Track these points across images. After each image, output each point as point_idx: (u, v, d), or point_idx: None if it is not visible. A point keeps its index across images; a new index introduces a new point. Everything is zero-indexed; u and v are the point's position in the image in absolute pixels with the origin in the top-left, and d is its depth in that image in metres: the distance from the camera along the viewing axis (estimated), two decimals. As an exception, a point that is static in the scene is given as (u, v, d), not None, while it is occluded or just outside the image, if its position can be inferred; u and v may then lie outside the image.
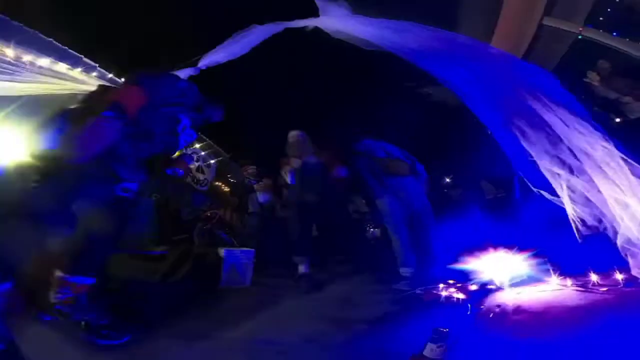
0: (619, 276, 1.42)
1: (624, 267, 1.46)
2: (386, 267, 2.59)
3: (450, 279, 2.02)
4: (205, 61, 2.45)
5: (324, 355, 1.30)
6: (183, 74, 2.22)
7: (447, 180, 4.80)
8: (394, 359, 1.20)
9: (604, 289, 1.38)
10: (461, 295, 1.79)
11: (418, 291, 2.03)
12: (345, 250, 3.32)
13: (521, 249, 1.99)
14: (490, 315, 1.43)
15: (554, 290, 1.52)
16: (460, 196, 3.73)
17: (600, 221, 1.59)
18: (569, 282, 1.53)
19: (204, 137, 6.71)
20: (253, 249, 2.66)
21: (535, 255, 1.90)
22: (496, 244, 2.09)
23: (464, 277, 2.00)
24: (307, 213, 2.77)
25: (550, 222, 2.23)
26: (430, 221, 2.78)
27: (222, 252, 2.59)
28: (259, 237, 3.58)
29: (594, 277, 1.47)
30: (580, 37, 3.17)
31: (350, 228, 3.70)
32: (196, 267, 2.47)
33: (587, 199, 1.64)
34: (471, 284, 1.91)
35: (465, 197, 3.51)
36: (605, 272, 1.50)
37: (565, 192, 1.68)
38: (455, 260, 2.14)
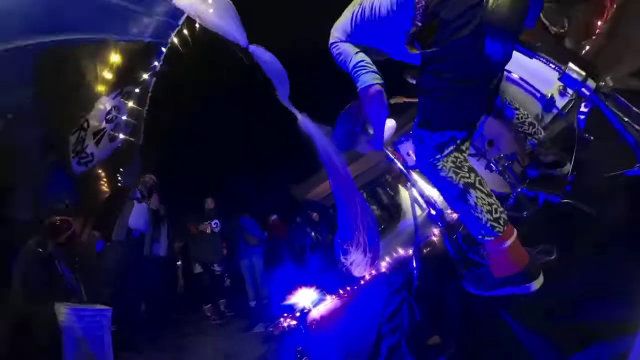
0: (349, 287, 3.30)
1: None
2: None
3: (285, 313, 3.26)
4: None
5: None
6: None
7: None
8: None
9: (346, 294, 3.19)
10: (294, 322, 3.06)
11: (270, 329, 3.10)
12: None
13: (310, 284, 3.61)
14: (313, 327, 2.79)
15: (330, 303, 3.18)
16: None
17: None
18: (333, 296, 3.26)
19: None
20: (109, 308, 1.83)
21: (317, 287, 3.57)
22: (300, 284, 3.59)
23: (290, 309, 3.30)
24: None
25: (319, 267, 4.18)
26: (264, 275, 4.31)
27: (62, 312, 1.51)
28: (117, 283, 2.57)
29: (341, 291, 3.27)
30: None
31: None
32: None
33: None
34: (296, 312, 3.24)
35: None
36: (344, 284, 3.36)
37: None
38: (284, 299, 3.44)
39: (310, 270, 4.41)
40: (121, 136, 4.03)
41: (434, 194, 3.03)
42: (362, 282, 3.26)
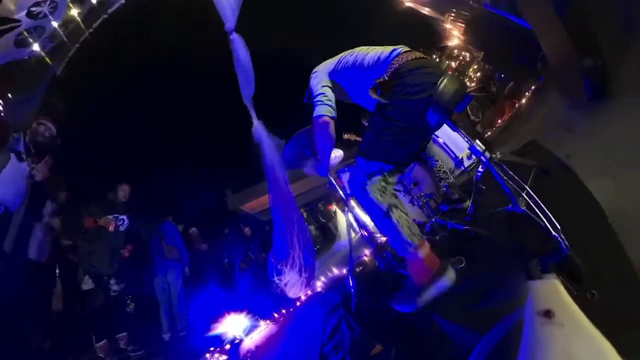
0: (284, 310, 3.27)
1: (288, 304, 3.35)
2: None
3: (211, 347, 2.92)
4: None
5: None
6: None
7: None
8: None
9: (282, 317, 3.15)
10: (224, 357, 2.79)
11: (197, 366, 2.70)
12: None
13: (241, 309, 3.38)
14: (248, 358, 2.62)
15: (264, 328, 3.06)
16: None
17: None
18: (267, 321, 3.16)
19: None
20: None
21: (249, 312, 3.37)
22: (228, 309, 3.30)
23: (218, 341, 2.99)
24: None
25: (250, 288, 3.94)
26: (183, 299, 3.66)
27: None
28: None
29: (275, 315, 3.21)
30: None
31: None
32: None
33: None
34: (225, 345, 2.96)
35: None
36: (279, 307, 3.30)
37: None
38: (208, 329, 3.08)
39: (240, 292, 4.06)
40: (35, 47, 2.64)
41: (367, 219, 3.51)
42: (298, 303, 3.31)
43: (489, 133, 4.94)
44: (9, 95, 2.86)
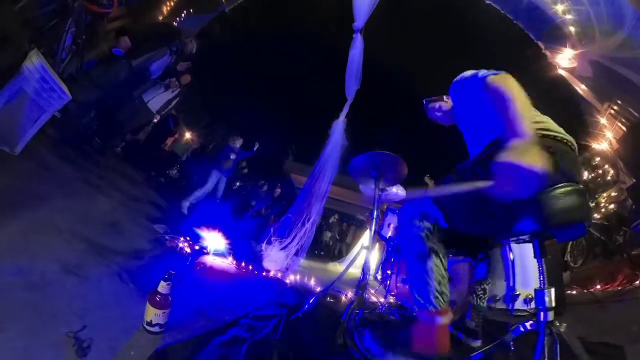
0: (251, 266, 3.31)
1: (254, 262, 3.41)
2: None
3: (188, 236, 3.22)
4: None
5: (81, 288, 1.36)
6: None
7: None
8: (138, 293, 1.61)
9: (244, 270, 3.20)
10: (188, 250, 3.03)
11: (166, 237, 3.05)
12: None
13: (228, 237, 3.58)
14: (198, 268, 2.77)
15: (229, 263, 3.18)
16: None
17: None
18: (234, 262, 3.26)
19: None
20: (69, 96, 2.12)
21: (230, 244, 3.53)
22: (222, 229, 3.56)
23: (196, 238, 3.27)
24: None
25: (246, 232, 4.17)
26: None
27: (32, 61, 1.51)
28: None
29: (243, 264, 3.28)
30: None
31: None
32: None
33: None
34: (196, 245, 3.20)
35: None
36: (250, 262, 3.37)
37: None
38: (197, 225, 3.39)
39: (238, 228, 4.42)
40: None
41: (373, 266, 3.14)
42: (264, 273, 3.30)
43: (575, 292, 3.19)
44: (191, 10, 3.84)
